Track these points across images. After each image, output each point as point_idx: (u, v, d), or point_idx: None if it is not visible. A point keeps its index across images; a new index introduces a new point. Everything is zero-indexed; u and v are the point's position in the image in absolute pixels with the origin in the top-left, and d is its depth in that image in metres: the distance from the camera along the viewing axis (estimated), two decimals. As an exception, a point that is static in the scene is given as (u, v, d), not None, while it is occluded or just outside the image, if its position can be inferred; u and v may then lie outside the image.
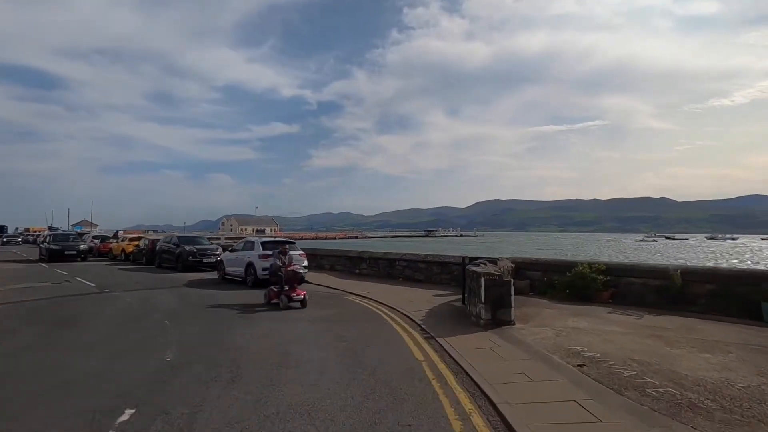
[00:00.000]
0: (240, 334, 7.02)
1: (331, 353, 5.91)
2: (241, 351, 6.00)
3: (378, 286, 13.48)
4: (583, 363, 5.28)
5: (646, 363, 5.26)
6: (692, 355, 5.62)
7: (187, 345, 6.41)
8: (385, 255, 16.09)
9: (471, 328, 7.47)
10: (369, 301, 10.88)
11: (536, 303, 9.73)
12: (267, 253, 13.70)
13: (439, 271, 13.89)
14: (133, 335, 7.16)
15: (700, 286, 8.99)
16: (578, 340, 6.41)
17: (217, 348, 6.20)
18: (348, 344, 6.43)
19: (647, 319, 8.06)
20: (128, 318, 8.61)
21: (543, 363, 5.34)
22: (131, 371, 5.17)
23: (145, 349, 6.23)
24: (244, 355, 5.78)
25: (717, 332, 6.93)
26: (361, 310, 9.53)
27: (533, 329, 7.22)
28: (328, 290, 13.15)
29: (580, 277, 10.10)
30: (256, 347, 6.22)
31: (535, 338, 6.59)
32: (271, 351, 5.99)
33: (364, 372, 5.08)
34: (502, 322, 7.49)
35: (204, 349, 6.15)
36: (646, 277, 9.67)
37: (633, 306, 9.32)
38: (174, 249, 19.88)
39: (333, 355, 5.84)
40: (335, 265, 18.30)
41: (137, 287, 13.30)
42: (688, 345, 6.13)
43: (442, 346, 6.30)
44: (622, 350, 5.85)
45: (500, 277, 7.69)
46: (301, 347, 6.22)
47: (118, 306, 9.99)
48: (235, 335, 6.95)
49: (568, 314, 8.44)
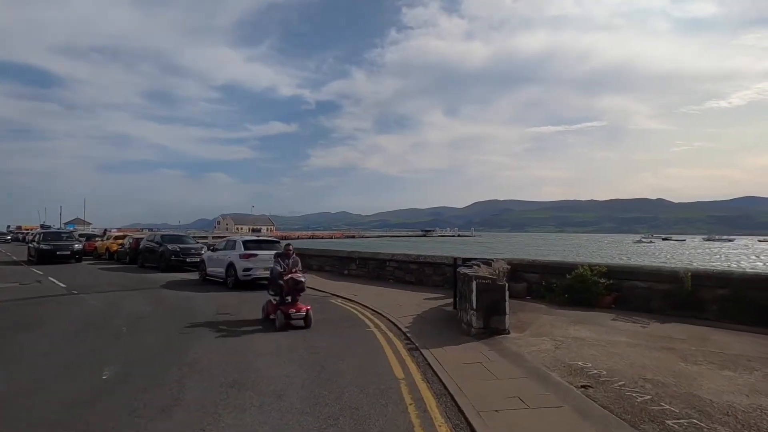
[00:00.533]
0: (201, 345, 6.23)
1: (297, 369, 5.14)
2: (194, 367, 5.21)
3: (366, 288, 12.73)
4: (587, 383, 4.53)
5: (661, 383, 4.52)
6: (712, 373, 4.88)
7: (136, 358, 5.63)
8: (375, 255, 15.33)
9: (461, 337, 6.71)
10: (355, 305, 10.12)
11: (533, 308, 8.99)
12: (249, 252, 12.94)
13: (431, 273, 13.14)
14: (82, 345, 6.36)
15: (710, 291, 8.26)
16: (580, 354, 5.66)
17: (167, 362, 5.41)
18: (320, 358, 5.65)
19: (655, 327, 7.33)
20: (86, 324, 7.81)
21: (541, 383, 4.59)
22: (62, 391, 4.40)
23: (89, 362, 5.45)
24: (196, 372, 5.00)
25: (734, 343, 6.20)
26: (343, 316, 8.76)
27: (530, 339, 6.47)
28: (313, 293, 12.35)
29: (580, 280, 9.37)
30: (214, 361, 5.43)
31: (532, 351, 5.84)
32: (229, 366, 5.20)
33: (330, 394, 4.31)
34: (495, 331, 6.74)
35: (152, 364, 5.35)
36: (652, 280, 8.95)
37: (637, 312, 8.60)
38: (157, 248, 19.09)
39: (300, 371, 5.07)
40: (324, 266, 17.54)
41: (110, 288, 12.50)
42: (706, 360, 5.40)
43: (426, 360, 5.54)
44: (632, 366, 5.10)
45: (494, 280, 6.94)
46: (266, 362, 5.44)
47: (81, 310, 9.20)
48: (195, 346, 6.16)
49: (568, 321, 7.70)
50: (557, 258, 29.79)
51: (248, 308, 9.33)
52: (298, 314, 7.38)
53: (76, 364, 5.40)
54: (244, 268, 12.70)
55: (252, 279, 12.71)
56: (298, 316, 7.36)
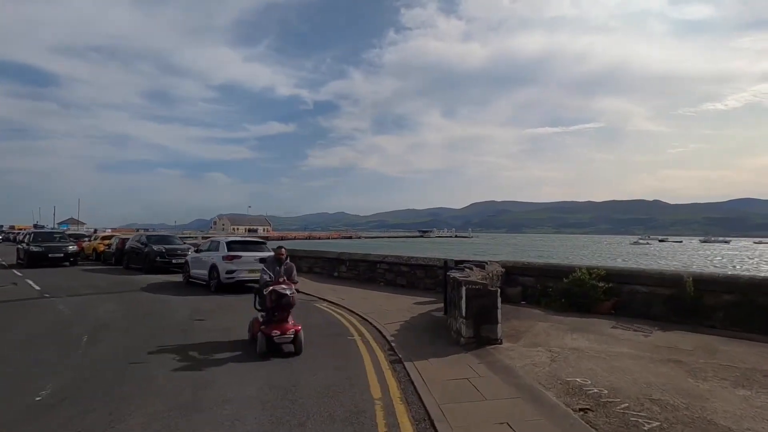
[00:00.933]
0: (160, 359, 5.60)
1: (264, 388, 4.57)
2: (145, 384, 4.63)
3: (355, 291, 12.18)
4: (587, 406, 4.00)
5: (669, 406, 4.00)
6: (726, 392, 4.37)
7: (84, 374, 5.02)
8: (366, 257, 14.79)
9: (449, 347, 6.17)
10: (341, 310, 9.58)
11: (529, 314, 8.47)
12: (232, 254, 12.36)
13: (423, 275, 12.61)
14: (32, 356, 5.77)
15: (716, 297, 7.77)
16: (579, 368, 5.14)
17: (118, 379, 4.83)
18: (292, 373, 5.09)
19: (658, 336, 6.82)
20: (45, 332, 7.23)
21: (534, 405, 4.05)
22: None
23: (32, 376, 4.88)
24: (148, 392, 4.42)
25: (746, 355, 5.69)
26: (326, 323, 8.21)
27: (524, 350, 5.94)
28: (300, 296, 11.80)
29: (577, 284, 8.86)
30: (170, 379, 4.84)
31: (526, 364, 5.30)
32: (184, 385, 4.62)
33: (293, 419, 3.75)
34: (486, 341, 6.21)
35: (99, 381, 4.75)
36: (654, 284, 8.45)
37: (638, 318, 8.11)
38: (142, 249, 18.47)
39: (266, 390, 4.51)
40: (313, 267, 16.98)
41: (86, 292, 11.88)
42: (716, 375, 4.88)
43: (408, 375, 5.00)
44: (636, 384, 4.58)
45: (485, 286, 6.40)
46: (229, 379, 4.86)
47: (45, 316, 8.60)
48: (153, 360, 5.55)
49: (566, 329, 7.18)
50: (554, 260, 29.34)
51: (224, 314, 8.76)
52: (283, 337, 5.84)
53: (19, 378, 4.83)
54: (227, 271, 12.12)
55: (235, 282, 12.16)
56: (282, 339, 5.85)
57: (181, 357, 5.71)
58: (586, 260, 37.10)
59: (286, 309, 6.06)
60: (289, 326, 5.99)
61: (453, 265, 10.82)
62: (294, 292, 6.10)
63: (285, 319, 6.04)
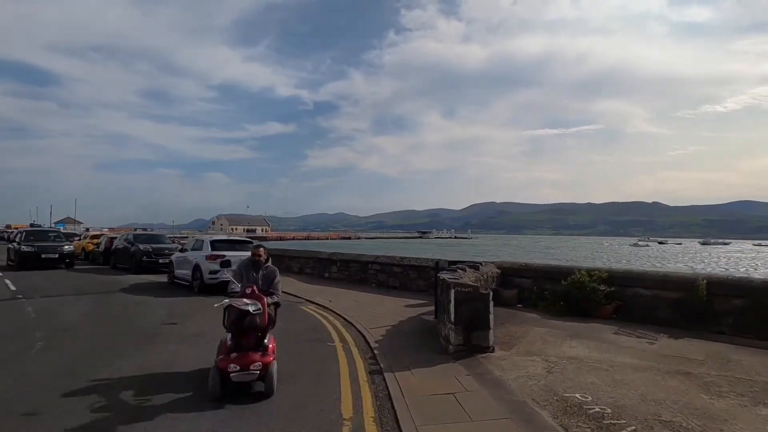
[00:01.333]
0: (109, 370, 5.01)
1: (227, 404, 4.02)
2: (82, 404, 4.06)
3: (345, 293, 11.64)
4: (588, 430, 3.46)
5: (683, 429, 3.46)
6: (745, 412, 3.83)
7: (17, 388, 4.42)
8: (358, 258, 14.25)
9: (436, 356, 5.63)
10: (327, 313, 9.05)
11: (524, 318, 7.94)
12: (216, 254, 11.82)
13: (416, 277, 12.07)
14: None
15: (726, 301, 7.24)
16: (578, 381, 4.60)
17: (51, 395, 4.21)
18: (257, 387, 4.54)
19: (665, 343, 6.29)
20: (1, 337, 6.68)
21: (527, 428, 3.51)
22: None
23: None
24: (86, 410, 3.87)
25: (762, 367, 5.15)
26: (309, 327, 7.67)
27: (518, 360, 5.40)
28: (286, 297, 11.24)
29: (577, 286, 8.33)
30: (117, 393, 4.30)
31: (519, 376, 4.76)
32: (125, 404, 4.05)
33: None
34: (477, 349, 5.67)
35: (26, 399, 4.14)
36: (659, 287, 7.92)
37: (642, 324, 7.57)
38: (129, 248, 17.96)
39: (228, 408, 3.95)
40: (304, 268, 16.44)
41: (63, 292, 11.33)
42: (733, 391, 4.35)
43: (387, 389, 4.46)
44: (644, 401, 4.04)
45: (476, 288, 5.86)
46: (177, 398, 4.18)
47: (8, 318, 8.05)
48: (103, 370, 4.96)
49: (564, 335, 6.64)
50: (553, 261, 28.76)
51: (200, 317, 8.22)
52: (244, 374, 4.13)
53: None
54: (211, 271, 11.60)
55: (219, 283, 11.61)
56: (242, 377, 4.13)
57: (132, 370, 4.95)
58: (590, 262, 36.48)
59: (250, 332, 4.31)
60: (256, 357, 4.20)
61: (446, 265, 10.29)
62: (260, 309, 4.31)
63: (251, 345, 4.32)
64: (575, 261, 37.66)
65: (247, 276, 4.96)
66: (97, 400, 4.08)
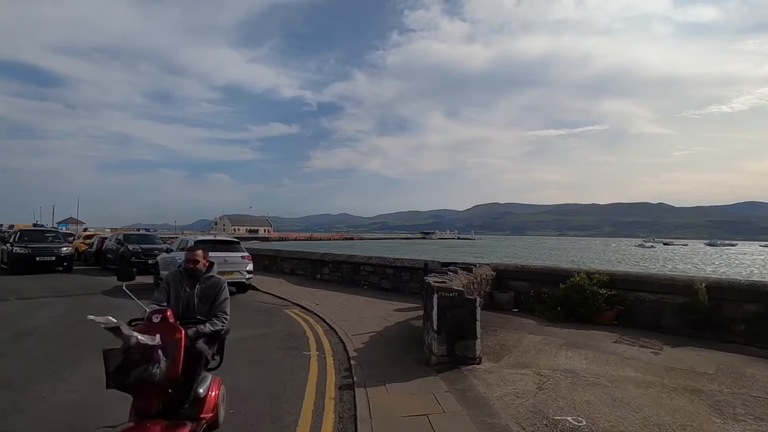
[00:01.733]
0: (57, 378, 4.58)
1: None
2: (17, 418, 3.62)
3: (334, 295, 11.13)
4: (579, 463, 2.93)
5: (693, 465, 2.92)
6: (766, 440, 3.29)
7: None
8: (349, 259, 13.75)
9: (417, 368, 5.10)
10: (311, 317, 8.55)
11: (519, 324, 7.40)
12: (199, 254, 11.33)
13: (408, 279, 11.55)
14: None
15: (737, 306, 6.69)
16: (571, 400, 4.06)
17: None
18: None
19: (669, 353, 5.73)
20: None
21: (507, 460, 2.99)
22: None
23: None
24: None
25: (780, 382, 4.60)
26: (286, 334, 7.16)
27: (506, 373, 4.86)
28: (272, 300, 10.82)
29: (576, 290, 7.78)
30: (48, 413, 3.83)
31: (506, 393, 4.23)
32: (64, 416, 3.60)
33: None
34: (461, 360, 5.14)
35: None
36: (663, 291, 7.36)
37: (645, 331, 7.05)
38: (117, 248, 17.59)
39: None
40: (296, 269, 15.96)
41: (42, 294, 10.91)
42: (749, 412, 3.80)
43: (354, 409, 3.94)
44: (646, 426, 3.49)
45: (461, 293, 5.33)
46: (115, 407, 3.77)
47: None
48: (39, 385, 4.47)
49: (560, 344, 6.10)
50: (551, 263, 28.11)
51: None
52: None
53: None
54: (194, 272, 11.11)
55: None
56: None
57: (74, 387, 4.48)
58: (594, 264, 35.71)
59: (145, 390, 2.55)
60: (157, 429, 2.49)
61: (437, 267, 9.77)
62: (205, 329, 3.08)
63: (153, 410, 2.59)
64: (579, 263, 36.92)
65: (177, 292, 3.37)
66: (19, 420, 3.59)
